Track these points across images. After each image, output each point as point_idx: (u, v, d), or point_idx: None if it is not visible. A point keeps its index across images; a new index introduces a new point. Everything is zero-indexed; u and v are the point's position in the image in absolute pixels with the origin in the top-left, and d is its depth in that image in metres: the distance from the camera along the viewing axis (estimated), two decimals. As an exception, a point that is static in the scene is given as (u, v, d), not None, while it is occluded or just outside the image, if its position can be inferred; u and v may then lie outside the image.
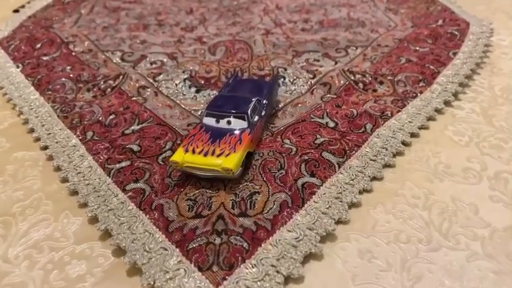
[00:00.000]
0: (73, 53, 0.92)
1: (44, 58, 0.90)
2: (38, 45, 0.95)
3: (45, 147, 0.63)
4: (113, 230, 0.48)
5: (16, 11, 1.20)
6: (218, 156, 0.52)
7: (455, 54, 0.85)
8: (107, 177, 0.56)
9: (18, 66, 0.87)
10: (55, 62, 0.88)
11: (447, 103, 0.71)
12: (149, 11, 1.17)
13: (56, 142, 0.64)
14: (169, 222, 0.48)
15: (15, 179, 0.58)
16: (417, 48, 0.89)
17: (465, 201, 0.52)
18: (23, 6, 1.23)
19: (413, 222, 0.50)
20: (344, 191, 0.52)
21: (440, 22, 1.00)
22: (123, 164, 0.58)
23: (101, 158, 0.59)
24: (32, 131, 0.68)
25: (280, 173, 0.55)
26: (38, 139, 0.65)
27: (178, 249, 0.45)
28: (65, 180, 0.57)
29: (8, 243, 0.48)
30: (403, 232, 0.48)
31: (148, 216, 0.49)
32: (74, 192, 0.55)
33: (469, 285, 0.42)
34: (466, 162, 0.59)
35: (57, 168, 0.59)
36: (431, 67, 0.80)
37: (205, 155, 0.53)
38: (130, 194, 0.53)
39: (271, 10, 1.14)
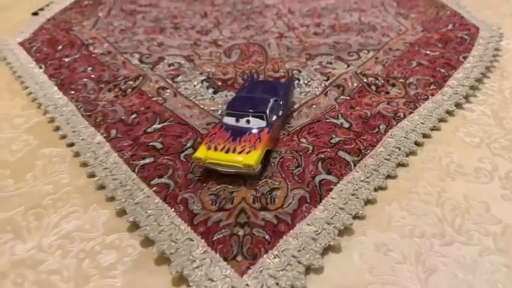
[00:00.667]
0: (93, 55, 0.95)
1: (66, 59, 0.93)
2: (59, 47, 0.98)
3: (71, 144, 0.66)
4: (141, 221, 0.50)
5: (35, 13, 1.24)
6: (239, 153, 0.55)
7: (465, 58, 0.87)
8: (132, 173, 0.58)
9: (41, 67, 0.90)
10: (76, 63, 0.91)
11: (458, 105, 0.73)
12: (164, 14, 1.20)
13: (82, 139, 0.66)
14: (194, 215, 0.50)
15: (44, 173, 0.61)
16: (428, 52, 0.91)
17: (477, 199, 0.54)
18: (42, 9, 1.27)
19: (426, 218, 0.52)
20: (360, 188, 0.55)
21: (450, 27, 1.02)
22: (147, 160, 0.61)
23: (126, 154, 0.62)
24: (57, 129, 0.70)
25: (298, 170, 0.57)
26: (64, 136, 0.68)
27: (203, 240, 0.47)
28: (91, 175, 0.60)
29: (42, 234, 0.51)
30: (417, 227, 0.50)
31: (173, 209, 0.52)
32: (101, 187, 0.58)
33: (481, 278, 0.44)
34: (478, 162, 0.61)
35: (84, 164, 0.62)
36: (442, 70, 0.83)
37: (227, 152, 0.55)
38: (155, 188, 0.55)
39: (283, 14, 1.17)
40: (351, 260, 0.47)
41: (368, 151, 0.61)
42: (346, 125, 0.67)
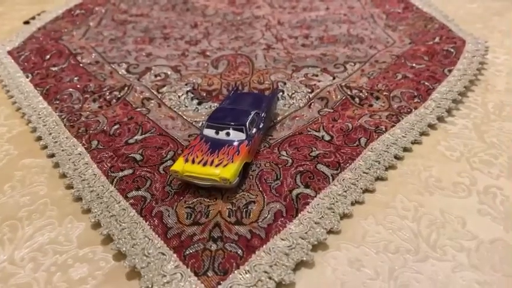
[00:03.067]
0: (81, 64, 0.96)
1: (53, 69, 0.93)
2: (48, 56, 0.99)
3: (51, 155, 0.66)
4: (115, 235, 0.50)
5: (27, 22, 1.25)
6: (216, 166, 0.55)
7: (450, 71, 0.87)
8: (110, 185, 0.58)
9: (27, 76, 0.90)
10: (63, 73, 0.92)
11: (440, 119, 0.73)
12: (155, 24, 1.21)
13: (62, 150, 0.66)
14: (168, 229, 0.50)
15: (22, 184, 0.61)
16: (414, 64, 0.91)
17: (453, 214, 0.54)
18: (33, 18, 1.27)
19: (402, 233, 0.52)
20: (337, 202, 0.55)
21: (437, 39, 1.03)
22: (126, 172, 0.60)
23: (105, 166, 0.62)
24: (39, 139, 0.70)
25: (276, 184, 0.57)
26: (45, 147, 0.68)
27: (175, 255, 0.47)
28: (69, 186, 0.60)
29: (15, 246, 0.51)
30: (392, 242, 0.50)
31: (148, 222, 0.51)
32: (78, 199, 0.57)
33: (453, 295, 0.44)
34: (456, 176, 0.61)
35: (63, 175, 0.62)
36: (426, 83, 0.83)
37: (204, 164, 0.55)
38: (131, 201, 0.55)
39: (273, 25, 1.18)
40: (324, 275, 0.47)
41: (347, 164, 0.61)
42: (327, 137, 0.67)
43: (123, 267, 0.47)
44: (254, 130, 0.62)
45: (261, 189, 0.56)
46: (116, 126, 0.72)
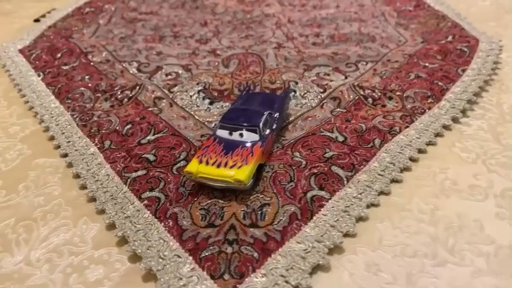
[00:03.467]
0: (92, 63, 0.95)
1: (64, 67, 0.93)
2: (59, 55, 0.99)
3: (65, 155, 0.66)
4: (130, 236, 0.50)
5: (37, 20, 1.25)
6: (231, 167, 0.54)
7: (464, 71, 0.86)
8: (124, 186, 0.58)
9: (39, 75, 0.90)
10: (74, 72, 0.92)
11: (455, 120, 0.72)
12: (165, 22, 1.21)
13: (75, 150, 0.66)
14: (183, 231, 0.50)
15: (36, 184, 0.61)
16: (427, 64, 0.90)
17: (471, 217, 0.54)
18: (43, 16, 1.27)
19: (419, 237, 0.51)
20: (352, 204, 0.54)
21: (449, 38, 1.02)
22: (139, 172, 0.60)
23: (118, 166, 0.62)
24: (52, 138, 0.71)
25: (290, 186, 0.57)
26: (58, 146, 0.68)
27: (191, 257, 0.47)
28: (83, 187, 0.60)
29: (30, 247, 0.51)
30: (409, 246, 0.50)
31: (162, 224, 0.51)
32: (92, 199, 0.57)
33: (472, 301, 0.44)
34: (473, 179, 0.60)
35: (77, 176, 0.62)
36: (440, 83, 0.82)
37: (218, 166, 0.55)
38: (145, 202, 0.55)
39: (283, 24, 1.17)
40: (341, 279, 0.46)
41: (362, 166, 0.60)
42: (341, 138, 0.67)
43: (139, 269, 0.47)
44: (267, 131, 0.61)
45: (275, 191, 0.56)
46: (128, 126, 0.72)
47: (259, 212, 0.52)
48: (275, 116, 0.65)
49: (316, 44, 1.04)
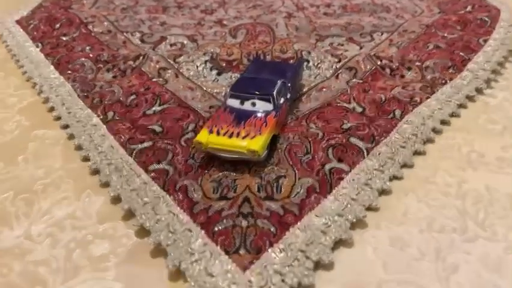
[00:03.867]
0: (92, 34, 0.91)
1: (64, 38, 0.89)
2: (57, 25, 0.94)
3: (65, 126, 0.63)
4: (137, 210, 0.47)
5: (34, -9, 1.19)
6: (243, 138, 0.51)
7: (485, 41, 0.81)
8: (129, 157, 0.54)
9: (37, 46, 0.86)
10: (74, 42, 0.87)
11: (479, 91, 0.68)
12: (168, -7, 1.15)
13: (77, 121, 0.63)
14: (194, 204, 0.47)
15: (36, 156, 0.57)
16: (446, 34, 0.85)
17: (501, 191, 0.50)
18: (41, -13, 1.22)
19: (446, 211, 0.48)
20: (374, 177, 0.50)
21: (468, 8, 0.97)
22: (145, 144, 0.57)
23: (123, 138, 0.58)
24: (52, 109, 0.67)
25: (307, 158, 0.53)
26: (58, 118, 0.65)
27: (203, 231, 0.43)
28: (86, 159, 0.56)
29: (31, 221, 0.48)
30: (436, 221, 0.46)
31: (172, 197, 0.48)
32: (96, 172, 0.54)
33: (508, 277, 0.40)
34: (501, 151, 0.56)
35: (78, 147, 0.58)
36: (461, 53, 0.77)
37: (230, 136, 0.51)
38: (152, 174, 0.51)
39: (292, -6, 1.11)
40: (364, 255, 0.43)
41: (382, 138, 0.57)
42: (359, 109, 0.63)
43: (146, 244, 0.43)
44: (281, 100, 0.57)
45: (291, 163, 0.52)
46: (132, 97, 0.68)
47: (275, 184, 0.49)
48: (289, 84, 0.61)
49: (328, 14, 0.98)
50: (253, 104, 0.55)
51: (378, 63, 0.75)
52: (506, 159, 0.55)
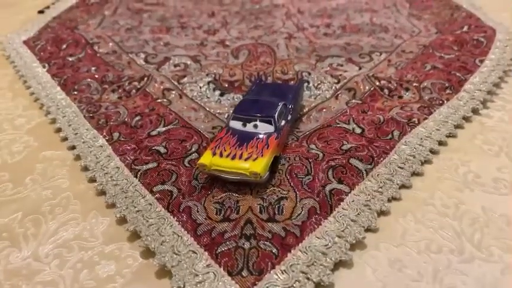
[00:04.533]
0: (98, 54, 0.93)
1: (70, 59, 0.91)
2: (64, 46, 0.97)
3: (72, 147, 0.64)
4: (142, 231, 0.48)
5: (41, 12, 1.23)
6: (246, 160, 0.52)
7: (481, 61, 0.83)
8: (134, 179, 0.56)
9: (44, 66, 0.88)
10: (80, 63, 0.89)
11: (475, 111, 0.70)
12: (171, 13, 1.18)
13: (83, 142, 0.64)
14: (198, 225, 0.48)
15: (44, 177, 0.59)
16: (443, 54, 0.88)
17: (497, 212, 0.51)
18: (47, 7, 1.25)
19: (443, 232, 0.49)
20: (373, 198, 0.52)
21: (465, 28, 0.99)
22: (150, 165, 0.58)
23: (128, 159, 0.60)
24: (59, 130, 0.68)
25: (308, 179, 0.55)
26: (65, 139, 0.66)
27: (207, 253, 0.45)
28: (92, 180, 0.58)
29: (39, 242, 0.49)
30: (434, 242, 0.47)
31: (176, 218, 0.49)
32: (102, 192, 0.55)
33: (504, 299, 0.41)
34: (497, 172, 0.58)
35: (85, 168, 0.60)
36: (458, 74, 0.79)
37: (233, 158, 0.52)
38: (157, 195, 0.53)
39: (293, 14, 1.14)
40: (364, 276, 0.44)
41: (381, 159, 0.58)
42: (358, 130, 0.64)
43: (152, 266, 0.45)
44: (282, 122, 0.59)
45: (292, 184, 0.54)
46: (137, 118, 0.69)
47: (277, 206, 0.50)
48: (290, 106, 0.62)
49: (327, 35, 1.01)
50: (255, 126, 0.57)
51: (377, 83, 0.77)
52: (501, 180, 0.56)
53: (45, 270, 0.46)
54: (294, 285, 0.41)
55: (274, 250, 0.45)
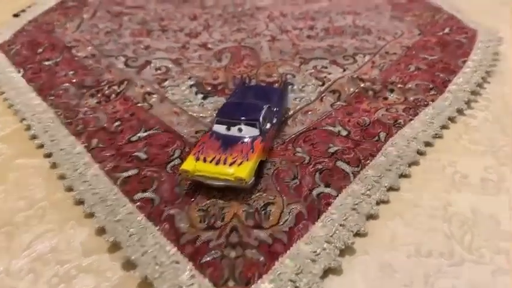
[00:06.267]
0: (76, 58, 0.90)
1: (46, 63, 0.88)
2: (40, 50, 0.93)
3: (48, 155, 0.61)
4: (122, 242, 0.46)
5: (16, 15, 1.18)
6: (230, 165, 0.50)
7: (464, 62, 0.84)
8: (114, 186, 0.54)
9: (19, 71, 0.85)
10: (57, 67, 0.86)
11: (460, 111, 0.70)
12: (152, 16, 1.16)
13: (60, 149, 0.62)
14: (181, 234, 0.46)
15: (17, 187, 0.56)
16: (426, 56, 0.88)
17: (485, 213, 0.51)
18: (23, 11, 1.21)
19: (433, 235, 0.48)
20: (361, 202, 0.51)
21: (447, 30, 1.00)
22: (130, 172, 0.56)
23: (107, 166, 0.57)
24: (34, 137, 0.65)
25: (294, 183, 0.53)
26: (41, 146, 0.63)
27: (191, 263, 0.43)
28: (69, 189, 0.55)
29: (11, 255, 0.46)
30: (424, 245, 0.47)
31: (158, 227, 0.47)
32: (80, 202, 0.53)
33: (496, 302, 0.41)
34: (484, 172, 0.57)
35: (62, 177, 0.57)
36: (441, 75, 0.79)
37: (217, 163, 0.51)
38: (138, 203, 0.51)
39: (276, 17, 1.13)
40: (354, 282, 0.43)
41: (368, 161, 0.57)
42: (344, 132, 0.63)
43: (133, 278, 0.42)
44: (268, 125, 0.57)
45: (278, 189, 0.52)
46: (117, 123, 0.67)
47: (263, 212, 0.49)
48: (275, 109, 0.61)
49: (311, 37, 1.00)
50: (240, 130, 0.55)
51: (362, 85, 0.77)
52: (489, 181, 0.56)
53: (18, 286, 0.43)
54: (283, 294, 0.40)
55: (262, 258, 0.43)
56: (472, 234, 0.48)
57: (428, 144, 0.62)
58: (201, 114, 0.70)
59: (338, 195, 0.51)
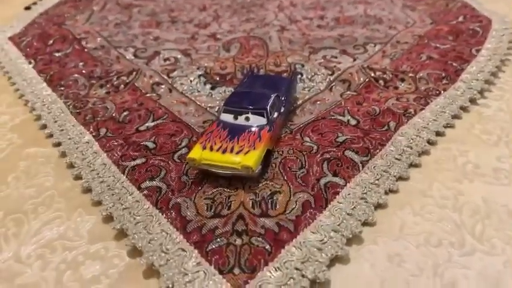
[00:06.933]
0: (86, 49, 0.91)
1: (57, 54, 0.89)
2: (51, 42, 0.94)
3: (58, 144, 0.62)
4: (129, 229, 0.46)
5: (28, 8, 1.20)
6: (237, 153, 0.50)
7: (478, 51, 0.82)
8: (122, 175, 0.54)
9: (30, 62, 0.86)
10: (67, 58, 0.87)
11: (472, 101, 0.68)
12: (161, 8, 1.16)
13: (69, 139, 0.62)
14: (187, 222, 0.46)
15: (27, 175, 0.57)
16: (438, 45, 0.86)
17: (498, 202, 0.50)
18: (35, 3, 1.22)
19: (443, 224, 0.47)
20: (369, 191, 0.50)
21: (460, 19, 0.97)
22: (138, 161, 0.56)
23: (115, 155, 0.57)
24: (44, 127, 0.66)
25: (302, 172, 0.53)
26: (50, 135, 0.64)
27: (196, 251, 0.42)
28: (78, 177, 0.55)
29: (20, 242, 0.47)
30: (433, 235, 0.46)
31: (164, 215, 0.47)
32: (88, 190, 0.53)
33: (507, 293, 0.40)
34: (496, 162, 0.56)
35: (70, 165, 0.57)
36: (454, 64, 0.78)
37: (224, 152, 0.50)
38: (145, 192, 0.51)
39: (285, 7, 1.12)
40: (361, 271, 0.42)
41: (377, 151, 0.56)
42: (353, 122, 0.63)
43: (139, 265, 0.43)
44: (275, 114, 0.57)
45: (285, 178, 0.52)
46: (125, 113, 0.67)
47: (270, 201, 0.48)
48: (282, 98, 0.60)
49: (321, 27, 0.99)
50: (247, 119, 0.55)
51: (372, 75, 0.75)
52: (502, 170, 0.54)
53: (27, 272, 0.43)
54: (288, 282, 0.39)
55: (267, 246, 0.43)
56: (483, 224, 0.47)
57: (439, 134, 0.61)
58: (209, 104, 0.70)
59: (345, 185, 0.51)
